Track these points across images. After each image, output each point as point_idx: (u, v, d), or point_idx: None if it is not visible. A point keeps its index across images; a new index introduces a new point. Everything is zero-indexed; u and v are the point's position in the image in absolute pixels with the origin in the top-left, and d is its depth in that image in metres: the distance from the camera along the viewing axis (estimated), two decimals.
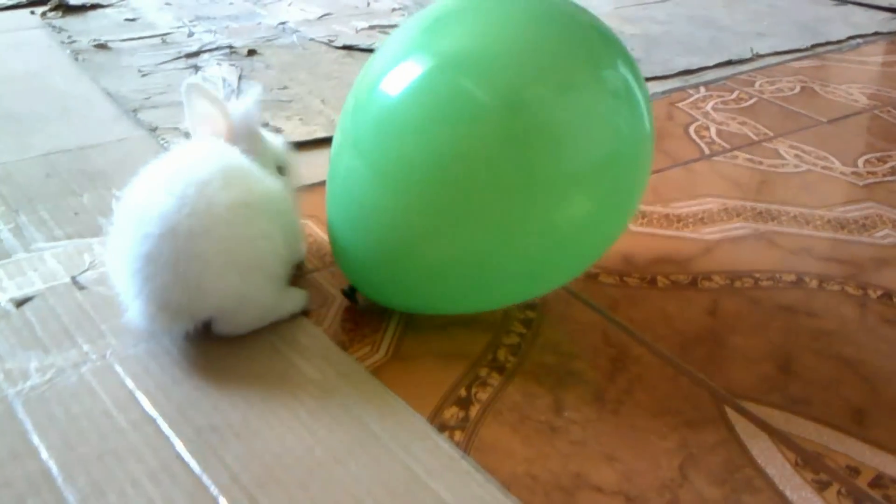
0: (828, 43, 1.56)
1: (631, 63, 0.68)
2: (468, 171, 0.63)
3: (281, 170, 0.79)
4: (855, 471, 0.62)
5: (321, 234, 0.87)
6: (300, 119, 1.10)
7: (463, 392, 0.67)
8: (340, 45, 1.37)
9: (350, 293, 0.75)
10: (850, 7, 1.80)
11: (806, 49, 1.52)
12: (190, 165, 0.67)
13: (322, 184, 0.76)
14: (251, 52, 1.33)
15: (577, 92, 0.64)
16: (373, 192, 0.67)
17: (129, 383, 0.66)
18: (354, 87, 0.70)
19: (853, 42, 1.59)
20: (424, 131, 0.64)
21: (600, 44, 0.68)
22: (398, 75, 0.65)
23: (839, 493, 0.60)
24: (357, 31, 1.44)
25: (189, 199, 0.64)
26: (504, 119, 0.62)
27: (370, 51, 1.35)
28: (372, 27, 1.46)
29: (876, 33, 1.64)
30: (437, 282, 0.68)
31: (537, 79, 0.63)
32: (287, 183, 0.78)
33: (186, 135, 1.03)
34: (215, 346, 0.70)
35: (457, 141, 0.63)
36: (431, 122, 0.63)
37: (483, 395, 0.67)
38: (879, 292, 0.82)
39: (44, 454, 0.60)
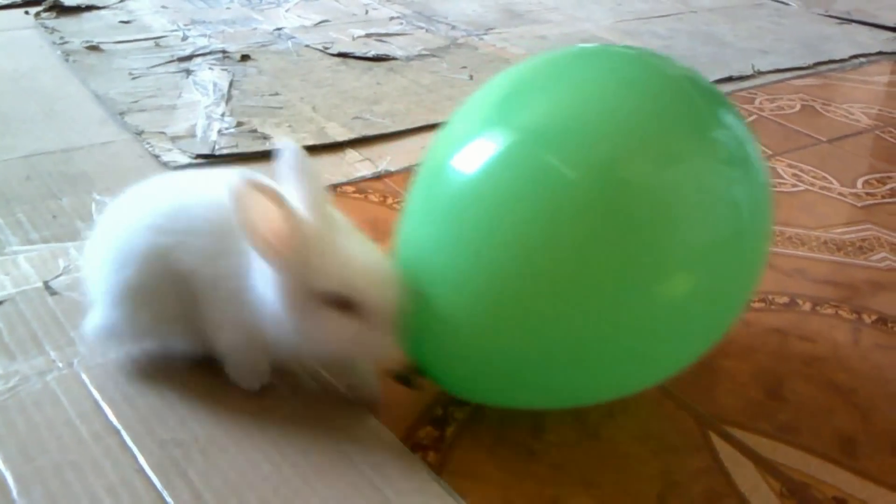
0: (830, 61, 1.54)
1: (738, 120, 0.60)
2: (554, 256, 0.53)
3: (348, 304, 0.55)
4: (842, 502, 0.60)
5: None
6: (289, 126, 1.08)
7: (439, 411, 0.65)
8: (336, 52, 1.35)
9: (406, 379, 0.62)
10: (854, 26, 1.79)
11: (808, 67, 1.50)
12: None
13: None
14: (244, 58, 1.31)
15: (681, 163, 0.55)
16: (450, 275, 0.56)
17: (95, 393, 0.64)
18: (428, 157, 0.62)
19: (856, 61, 1.57)
20: (505, 213, 0.54)
21: (701, 102, 0.58)
22: (475, 151, 0.56)
23: None
24: (354, 39, 1.42)
25: None
26: (595, 198, 0.53)
27: (366, 59, 1.34)
28: (369, 35, 1.45)
29: (879, 53, 1.62)
30: (520, 375, 0.57)
31: (632, 150, 0.54)
32: (357, 328, 0.56)
33: (173, 139, 1.01)
34: (186, 360, 0.67)
35: (541, 224, 0.53)
36: (512, 201, 0.54)
37: (460, 415, 0.65)
38: (874, 317, 0.80)
39: (0, 464, 0.57)
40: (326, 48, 1.37)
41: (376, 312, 0.55)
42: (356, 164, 1.02)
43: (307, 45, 1.39)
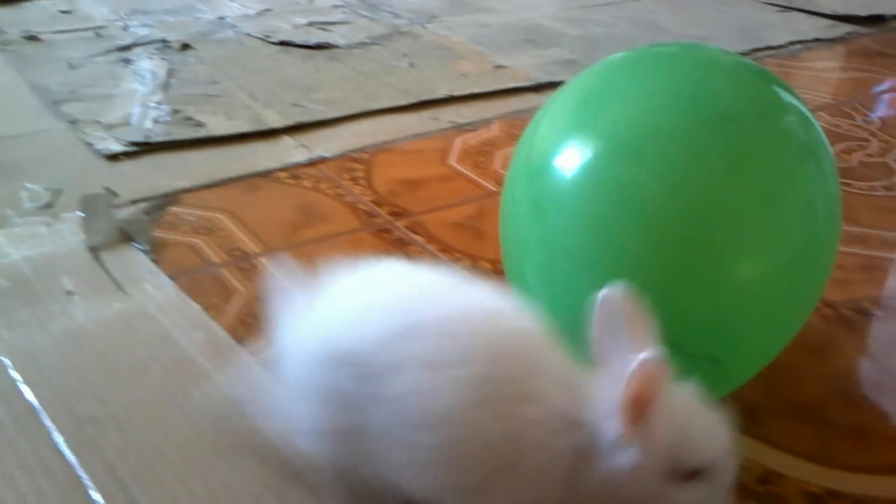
0: (767, 48, 1.57)
1: (806, 110, 0.60)
2: (640, 272, 0.53)
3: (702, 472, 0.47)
4: (744, 467, 0.62)
5: (235, 230, 0.86)
6: (225, 113, 1.09)
7: None
8: (277, 40, 1.36)
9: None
10: (794, 14, 1.82)
11: (745, 53, 1.53)
12: None
13: (237, 180, 0.75)
14: (185, 47, 1.31)
15: (761, 164, 0.55)
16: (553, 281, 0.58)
17: (15, 375, 0.65)
18: (519, 157, 0.64)
19: (793, 48, 1.61)
20: (600, 220, 0.55)
21: (774, 96, 0.59)
22: (567, 157, 0.57)
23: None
24: (296, 28, 1.43)
25: None
26: (677, 210, 0.54)
27: (307, 47, 1.35)
28: (311, 24, 1.46)
29: (816, 40, 1.66)
30: None
31: (708, 161, 0.55)
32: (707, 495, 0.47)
33: (107, 128, 1.01)
34: (105, 338, 0.68)
35: (632, 232, 0.54)
36: (604, 210, 0.55)
37: None
38: None
39: None
40: (268, 37, 1.38)
41: (726, 476, 0.48)
42: (291, 151, 1.03)
43: (249, 34, 1.39)
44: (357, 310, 0.49)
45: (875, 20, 1.80)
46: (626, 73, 0.62)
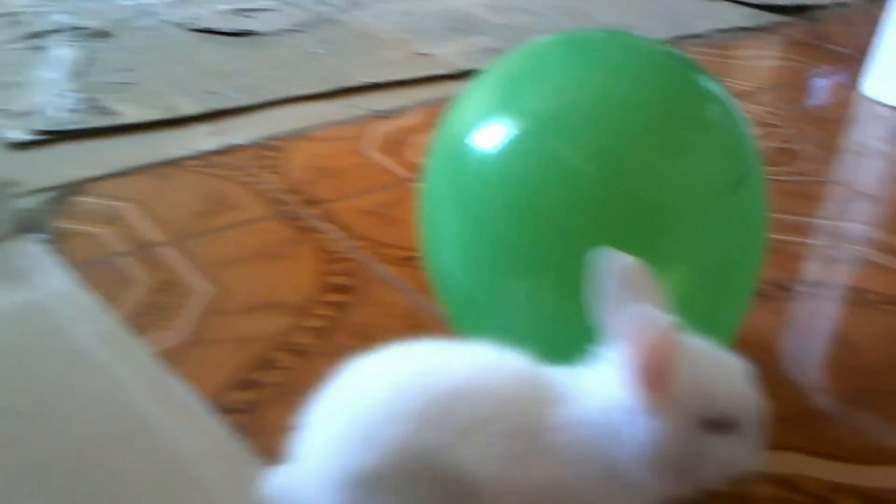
0: (690, 36, 1.60)
1: (735, 108, 0.60)
2: (563, 244, 0.54)
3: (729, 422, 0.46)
4: None
5: (140, 219, 0.85)
6: (139, 101, 1.08)
7: (254, 375, 0.67)
8: (198, 28, 1.34)
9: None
10: (720, 3, 1.85)
11: (669, 41, 1.55)
12: None
13: (146, 168, 0.75)
14: (103, 34, 1.29)
15: (683, 153, 0.56)
16: (466, 255, 0.59)
17: None
18: (440, 139, 0.63)
19: (717, 36, 1.63)
20: (519, 198, 0.55)
21: (701, 90, 0.59)
22: (488, 136, 0.57)
23: None
24: (218, 15, 1.41)
25: None
26: (603, 188, 0.54)
27: (228, 34, 1.33)
28: (234, 11, 1.44)
29: (740, 28, 1.69)
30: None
31: (636, 141, 0.54)
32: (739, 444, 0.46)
33: (17, 116, 0.99)
34: (3, 329, 0.67)
35: (550, 209, 0.54)
36: (522, 188, 0.55)
37: (274, 378, 0.66)
38: None
39: None
40: (188, 24, 1.36)
41: (753, 423, 0.46)
42: (204, 139, 1.02)
43: (169, 22, 1.37)
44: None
45: (799, 10, 1.83)
46: (549, 56, 0.62)
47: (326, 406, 0.47)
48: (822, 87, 1.44)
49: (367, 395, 0.45)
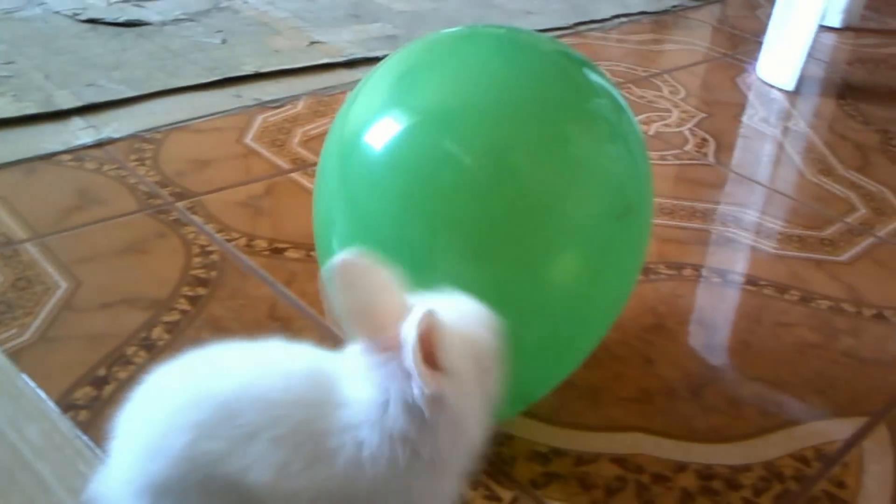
0: (592, 21, 1.61)
1: (618, 96, 0.61)
2: (454, 236, 0.55)
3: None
4: None
5: (3, 215, 0.84)
6: (14, 95, 1.05)
7: (102, 371, 0.66)
8: (86, 18, 1.32)
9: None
10: None
11: (569, 27, 1.57)
12: None
13: (19, 163, 0.73)
14: None
15: (567, 145, 0.57)
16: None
17: None
18: (333, 133, 0.62)
19: (617, 21, 1.65)
20: (408, 191, 0.56)
21: (580, 78, 0.61)
22: (379, 132, 0.57)
23: None
24: (109, 4, 1.39)
25: None
26: (488, 182, 0.54)
27: (117, 24, 1.31)
28: (126, 0, 1.41)
29: (642, 13, 1.71)
30: None
31: (521, 135, 0.56)
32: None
33: None
34: None
35: (441, 204, 0.55)
36: (415, 182, 0.56)
37: (123, 374, 0.66)
38: None
39: None
40: (77, 14, 1.33)
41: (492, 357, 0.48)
42: (78, 132, 1.00)
43: (57, 12, 1.35)
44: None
45: None
46: (444, 51, 0.62)
47: (127, 416, 0.47)
48: (720, 70, 1.47)
49: (158, 406, 0.45)
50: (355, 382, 0.45)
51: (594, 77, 0.62)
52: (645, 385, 0.71)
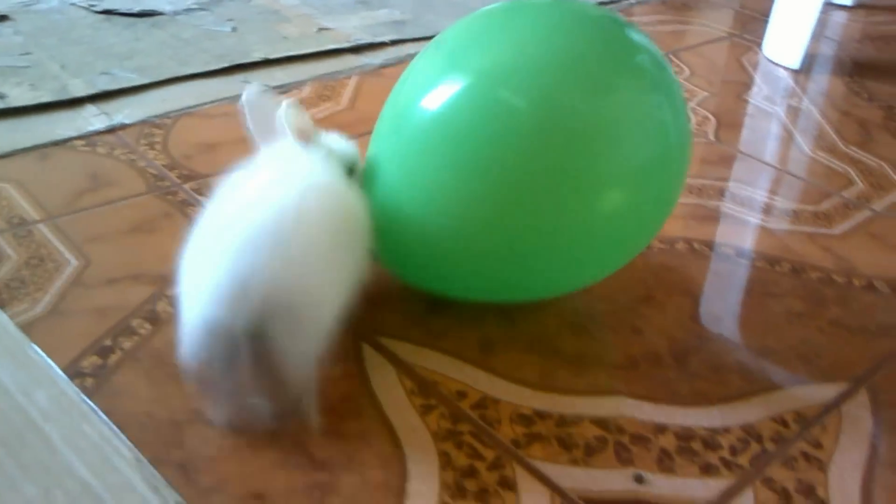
0: (601, 4, 1.63)
1: (655, 49, 0.69)
2: (508, 172, 0.64)
3: (351, 171, 0.70)
4: (463, 395, 0.67)
5: (18, 199, 0.88)
6: (30, 84, 1.09)
7: (108, 342, 0.70)
8: (101, 9, 1.36)
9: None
10: None
11: None
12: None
13: (31, 149, 0.85)
14: (2, 18, 1.30)
15: (612, 92, 0.65)
16: (419, 189, 0.67)
17: None
18: (393, 100, 0.71)
19: (626, 3, 1.66)
20: (466, 138, 0.64)
21: (622, 36, 0.68)
22: (438, 93, 0.65)
23: (441, 415, 0.65)
24: None
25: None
26: (541, 122, 0.63)
27: (130, 15, 1.35)
28: None
29: None
30: (475, 270, 0.69)
31: (569, 82, 0.64)
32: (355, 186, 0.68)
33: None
34: None
35: (497, 146, 0.63)
36: (473, 129, 0.64)
37: (128, 344, 0.70)
38: None
39: None
40: (92, 6, 1.37)
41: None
42: (91, 119, 1.04)
43: (73, 4, 1.39)
44: None
45: None
46: (494, 22, 0.69)
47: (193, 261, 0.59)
48: (727, 50, 1.48)
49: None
50: None
51: (637, 37, 0.69)
52: (631, 353, 0.73)
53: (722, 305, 0.82)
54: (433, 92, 0.66)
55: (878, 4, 1.84)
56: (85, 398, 0.64)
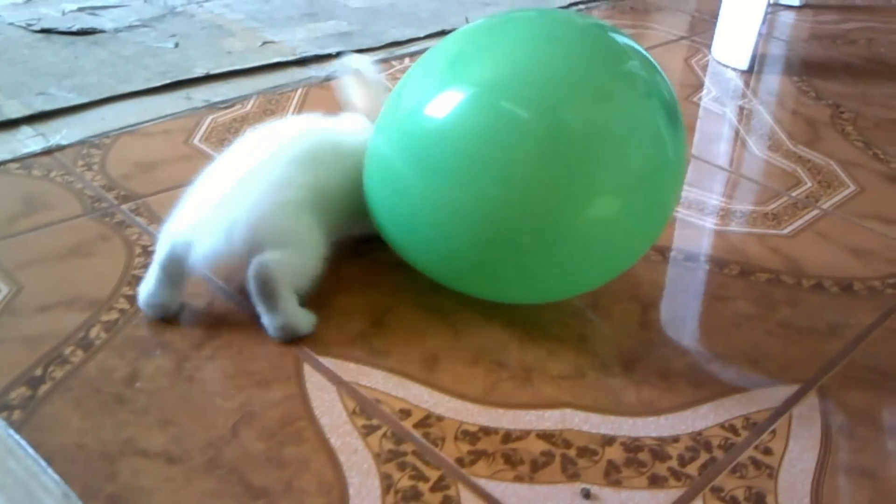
0: (562, 7, 1.62)
1: (650, 60, 0.70)
2: (511, 179, 0.65)
3: None
4: (407, 413, 0.66)
5: None
6: None
7: (38, 371, 0.67)
8: (39, 28, 1.33)
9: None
10: None
11: None
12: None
13: None
14: None
15: (610, 99, 0.67)
16: (427, 192, 0.69)
17: None
18: (391, 109, 0.72)
19: (573, 8, 1.66)
20: (472, 147, 0.66)
21: (618, 47, 0.69)
22: (441, 104, 0.67)
23: (384, 435, 0.64)
24: (63, 14, 1.40)
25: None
26: (542, 133, 0.64)
27: (70, 33, 1.32)
28: (81, 9, 1.42)
29: None
30: (479, 268, 0.71)
31: (569, 93, 0.66)
32: None
33: None
34: None
35: (501, 154, 0.65)
36: (478, 138, 0.66)
37: (59, 373, 0.67)
38: None
39: None
40: (30, 25, 1.34)
41: None
42: (27, 141, 1.01)
43: (11, 24, 1.35)
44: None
45: None
46: (486, 34, 0.71)
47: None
48: (676, 52, 1.48)
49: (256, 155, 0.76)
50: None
51: (626, 42, 0.70)
52: (578, 362, 0.72)
53: (670, 311, 0.81)
54: (437, 101, 0.67)
55: (825, 4, 1.86)
56: (11, 432, 0.61)
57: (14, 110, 1.06)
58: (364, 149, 0.75)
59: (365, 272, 0.81)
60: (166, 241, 0.71)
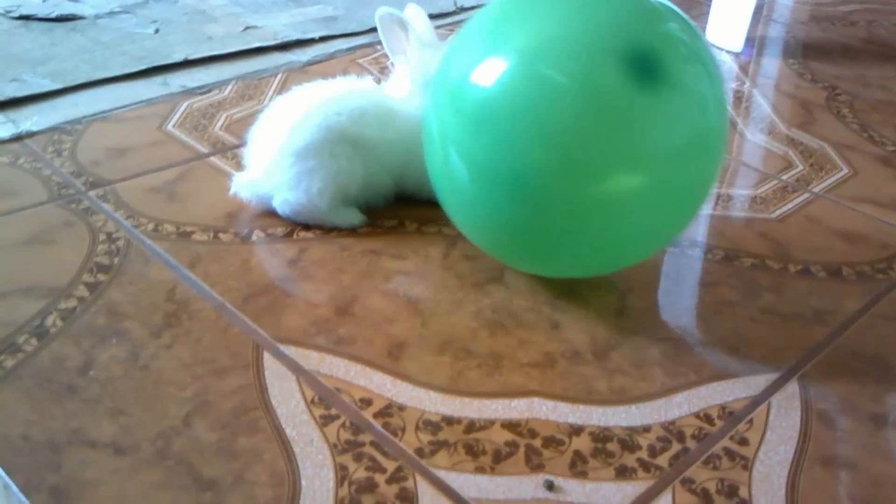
0: None
1: (692, 25, 0.68)
2: (553, 145, 0.64)
3: None
4: (367, 402, 0.63)
5: None
6: None
7: None
8: (17, 15, 1.31)
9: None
10: None
11: None
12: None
13: None
14: None
15: (656, 63, 0.64)
16: (474, 161, 0.67)
17: None
18: (442, 77, 0.70)
19: None
20: (517, 114, 0.64)
21: (659, 11, 0.67)
22: (485, 72, 0.65)
23: (342, 425, 0.61)
24: (44, 1, 1.37)
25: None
26: (583, 98, 0.63)
27: (49, 20, 1.30)
28: None
29: None
30: (517, 237, 0.70)
31: (607, 59, 0.63)
32: None
33: None
34: None
35: (542, 120, 0.63)
36: (522, 105, 0.64)
37: (10, 363, 0.65)
38: None
39: None
40: (9, 12, 1.32)
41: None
42: None
43: None
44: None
45: None
46: (524, 4, 0.68)
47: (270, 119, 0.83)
48: None
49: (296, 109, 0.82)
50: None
51: (667, 6, 0.68)
52: (549, 350, 0.70)
53: (649, 297, 0.78)
54: (482, 69, 0.66)
55: None
56: None
57: None
58: (407, 111, 0.83)
59: (332, 259, 0.79)
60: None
